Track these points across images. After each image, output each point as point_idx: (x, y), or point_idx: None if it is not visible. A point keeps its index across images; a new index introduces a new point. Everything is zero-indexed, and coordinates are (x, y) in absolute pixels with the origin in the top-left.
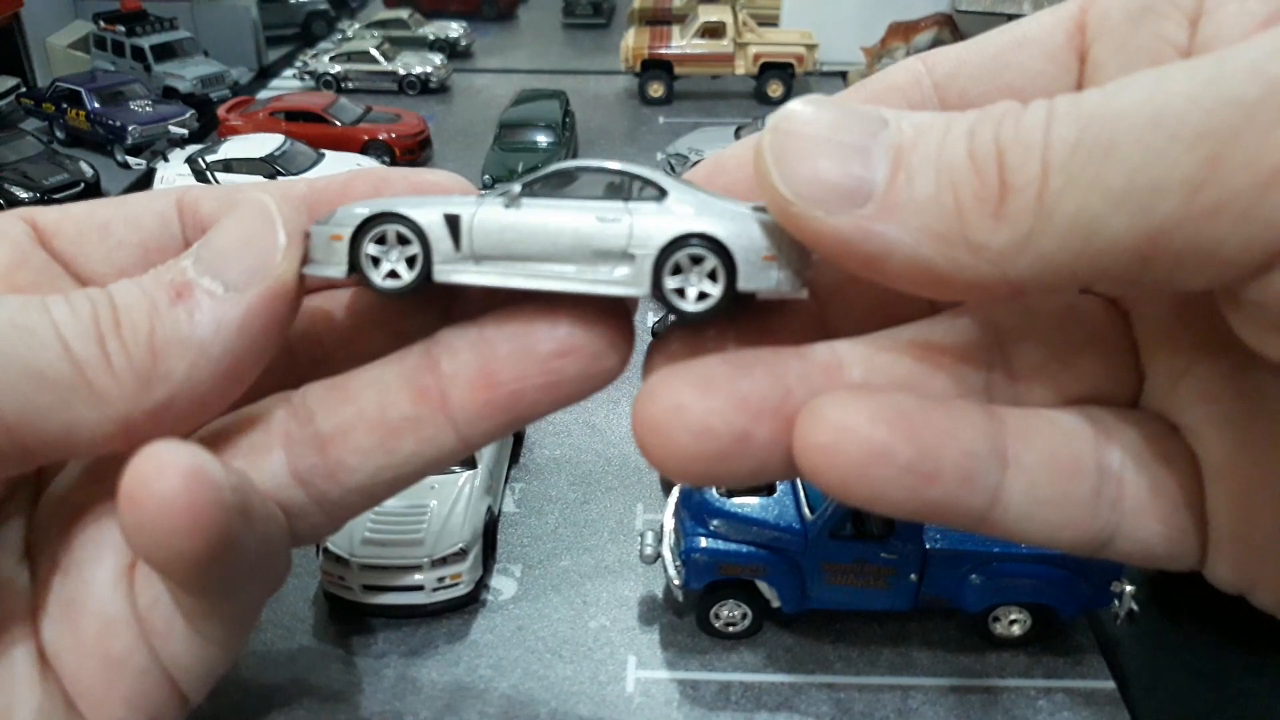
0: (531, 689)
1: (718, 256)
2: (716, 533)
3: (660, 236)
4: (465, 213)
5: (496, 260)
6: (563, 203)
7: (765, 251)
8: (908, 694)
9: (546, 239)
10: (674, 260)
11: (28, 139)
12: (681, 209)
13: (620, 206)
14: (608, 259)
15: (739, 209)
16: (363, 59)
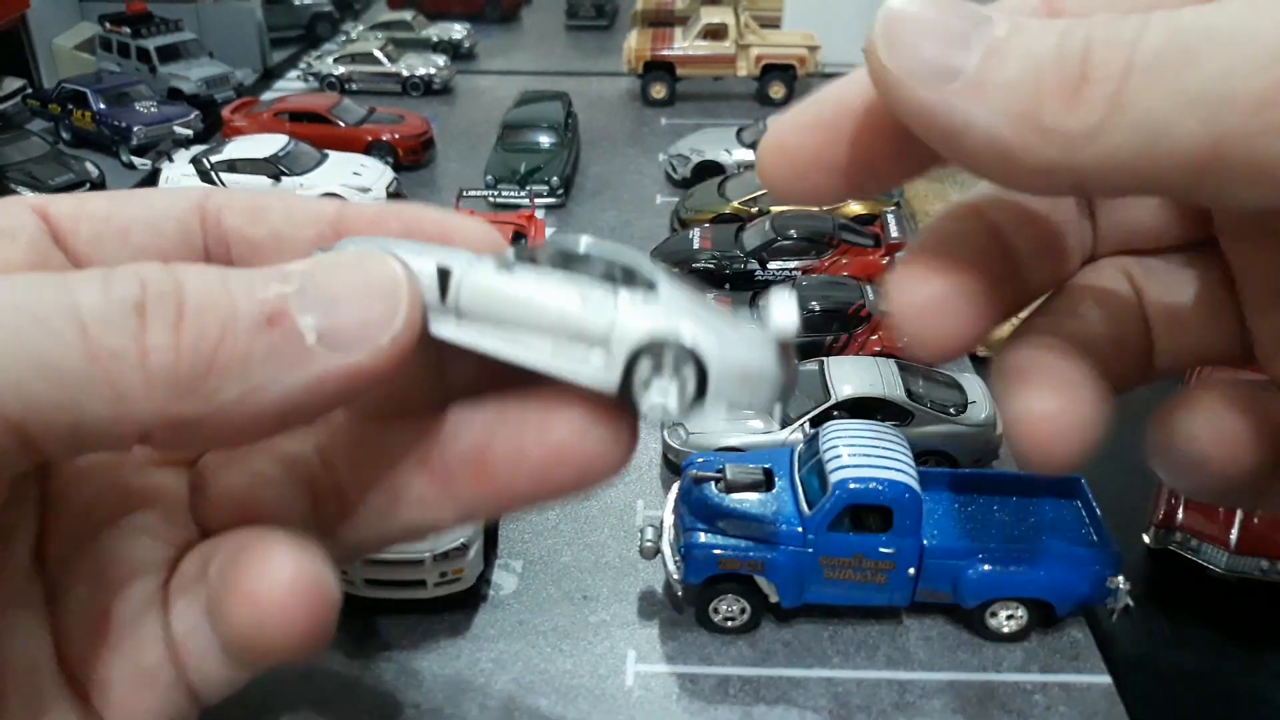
0: (532, 682)
1: (693, 368)
2: (716, 528)
3: (637, 332)
4: (457, 268)
5: (478, 321)
6: (554, 276)
7: (743, 370)
8: (905, 688)
9: (530, 310)
10: (647, 360)
11: (34, 139)
12: (669, 310)
13: (609, 293)
14: (584, 343)
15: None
16: (366, 60)
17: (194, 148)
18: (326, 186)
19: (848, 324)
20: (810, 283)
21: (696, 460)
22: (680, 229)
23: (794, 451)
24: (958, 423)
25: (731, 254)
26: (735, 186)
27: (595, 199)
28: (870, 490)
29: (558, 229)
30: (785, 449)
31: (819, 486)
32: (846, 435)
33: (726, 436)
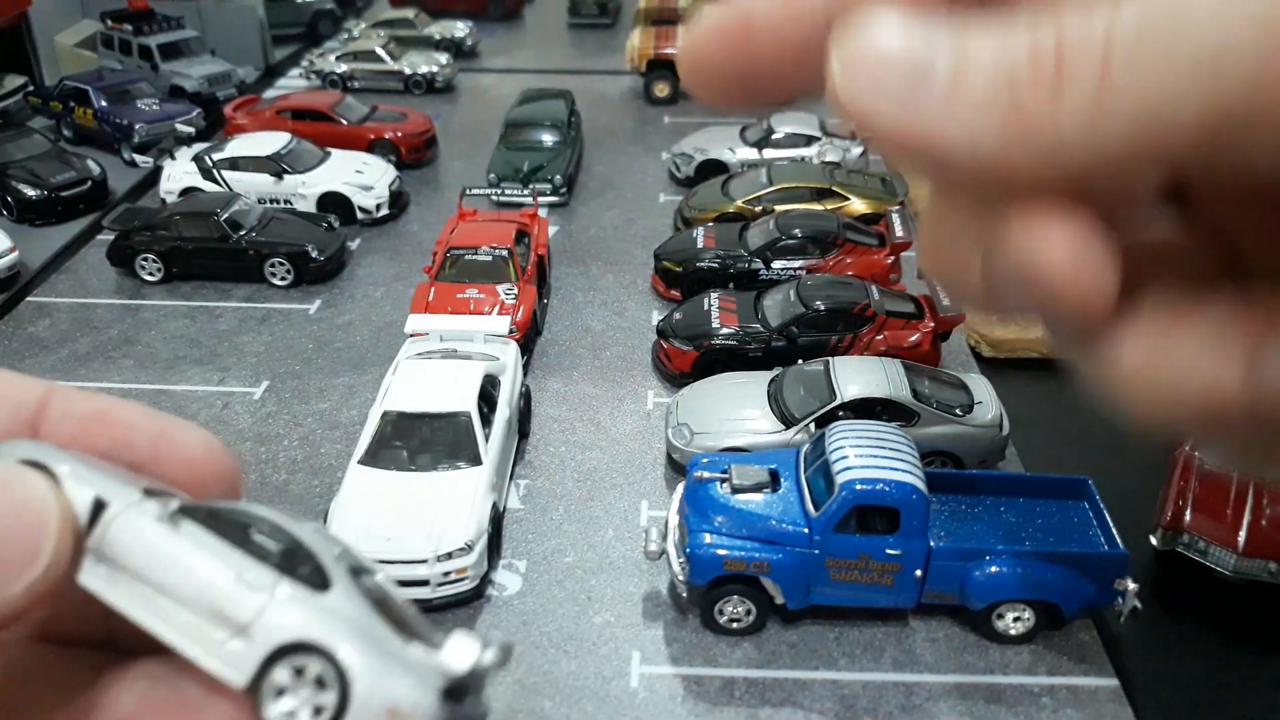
0: (536, 684)
1: (336, 689)
2: (721, 529)
3: (282, 631)
4: (116, 505)
5: (123, 572)
6: (216, 543)
7: (393, 705)
8: (911, 690)
9: (175, 572)
10: (287, 665)
11: (35, 137)
12: (333, 613)
13: (269, 578)
14: (226, 626)
15: (404, 651)
16: (369, 58)
17: (196, 145)
18: (329, 184)
19: (853, 324)
20: (815, 282)
21: (702, 461)
22: (684, 227)
23: (800, 452)
24: (964, 423)
25: (735, 253)
26: (739, 185)
27: (598, 197)
28: (877, 491)
29: (560, 227)
30: (791, 450)
31: (825, 487)
32: (853, 436)
33: (732, 437)
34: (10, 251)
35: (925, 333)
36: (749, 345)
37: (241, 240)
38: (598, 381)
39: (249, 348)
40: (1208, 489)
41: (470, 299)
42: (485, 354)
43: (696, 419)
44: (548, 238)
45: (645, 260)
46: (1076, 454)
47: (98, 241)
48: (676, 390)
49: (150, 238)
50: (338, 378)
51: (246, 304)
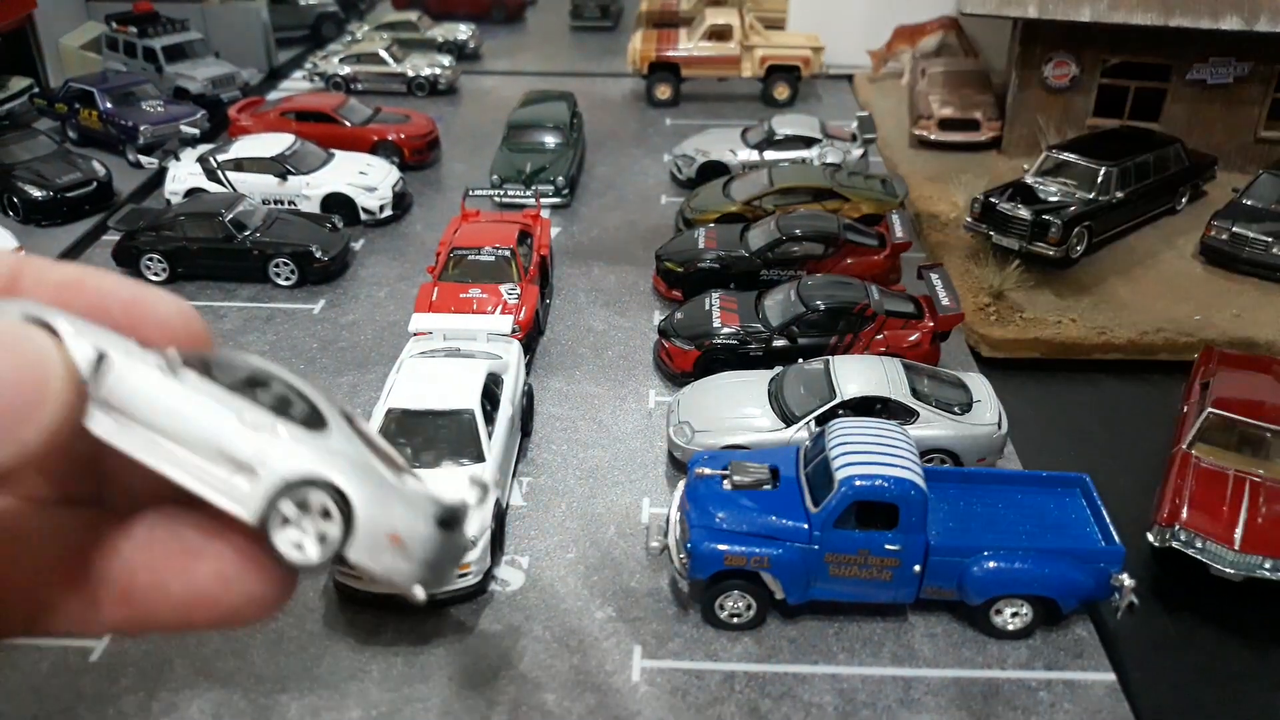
0: (539, 678)
1: (339, 514)
2: (722, 525)
3: (288, 468)
4: (116, 357)
5: (130, 421)
6: (218, 391)
7: (393, 532)
8: (910, 684)
9: (184, 421)
10: (293, 498)
11: (41, 138)
12: (331, 450)
13: (271, 419)
14: (231, 465)
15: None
16: (372, 60)
17: (200, 147)
18: (333, 185)
19: (853, 324)
20: (815, 282)
21: (703, 458)
22: (685, 228)
23: (800, 449)
24: (963, 422)
25: (736, 253)
26: (740, 187)
27: (600, 199)
28: (876, 488)
29: (563, 228)
30: (791, 447)
31: (825, 484)
32: (852, 433)
33: (732, 435)
34: (17, 252)
35: (925, 332)
36: (750, 345)
37: (246, 241)
38: (600, 380)
39: (254, 347)
40: (1205, 486)
41: (473, 299)
42: (488, 353)
43: (697, 417)
44: (550, 238)
45: (647, 261)
46: (1074, 452)
47: (103, 242)
48: (678, 389)
49: (155, 238)
50: (342, 377)
51: (251, 304)
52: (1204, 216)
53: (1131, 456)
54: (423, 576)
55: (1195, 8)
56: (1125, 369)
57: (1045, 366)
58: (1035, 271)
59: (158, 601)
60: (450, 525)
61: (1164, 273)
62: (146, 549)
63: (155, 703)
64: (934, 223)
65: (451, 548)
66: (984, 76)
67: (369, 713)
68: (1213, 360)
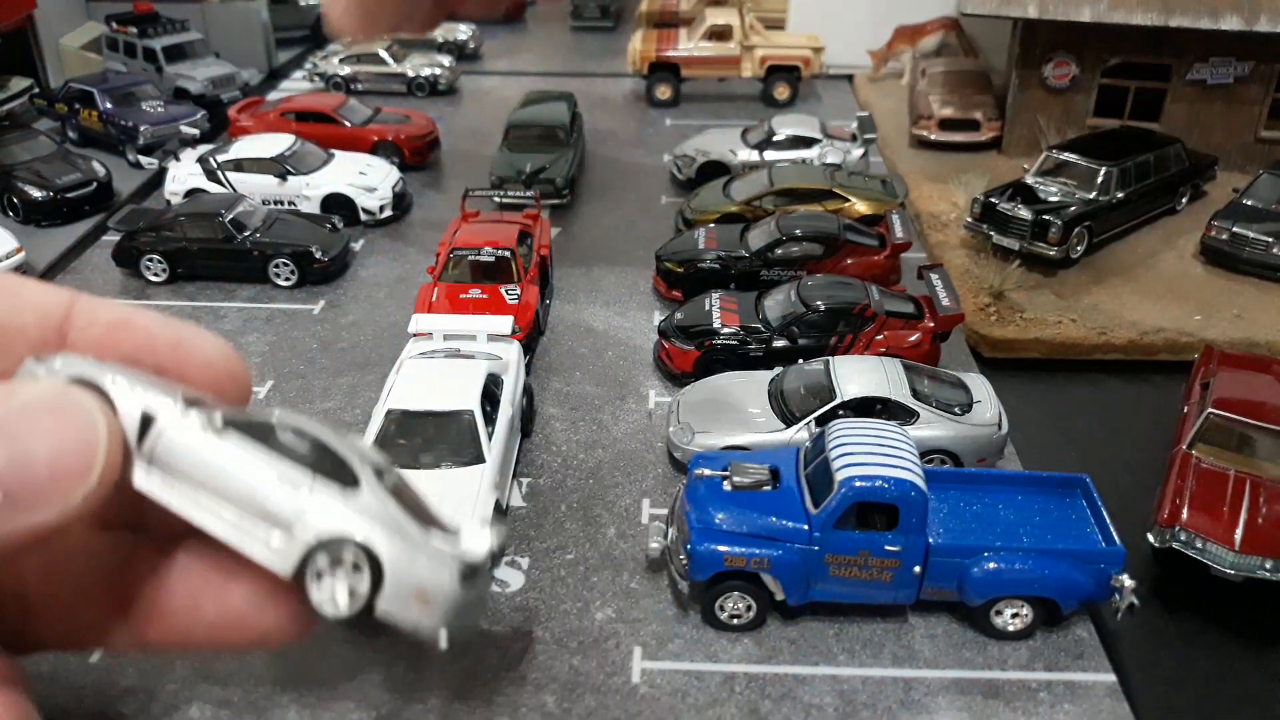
0: (538, 679)
1: (369, 575)
2: (721, 526)
3: (322, 526)
4: (162, 418)
5: (172, 477)
6: (257, 449)
7: (419, 587)
8: (910, 685)
9: (224, 478)
10: (325, 554)
11: (41, 139)
12: (361, 511)
13: (306, 478)
14: (269, 522)
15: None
16: (372, 61)
17: (201, 146)
18: (332, 186)
19: (853, 324)
20: (815, 282)
21: (702, 459)
22: (685, 229)
23: (800, 450)
24: (963, 422)
25: (736, 253)
26: (740, 187)
27: (600, 199)
28: (876, 488)
29: (562, 228)
30: (791, 448)
31: (825, 485)
32: (852, 434)
33: (732, 435)
34: (16, 252)
35: (925, 333)
36: (750, 345)
37: (246, 241)
38: (599, 381)
39: (253, 348)
40: (1205, 487)
41: (473, 299)
42: (488, 353)
43: (698, 418)
44: (550, 239)
45: (647, 261)
46: (1075, 453)
47: (103, 242)
48: (678, 389)
49: (155, 238)
50: (342, 377)
51: (251, 304)
52: (1204, 216)
53: (1132, 457)
54: (449, 625)
55: (1195, 8)
56: (1125, 369)
57: (1045, 366)
58: (1035, 271)
59: (192, 622)
60: (473, 578)
61: (1164, 273)
62: (185, 573)
63: (155, 704)
64: (934, 223)
65: (475, 597)
66: (984, 76)
67: (369, 714)
68: (1213, 360)
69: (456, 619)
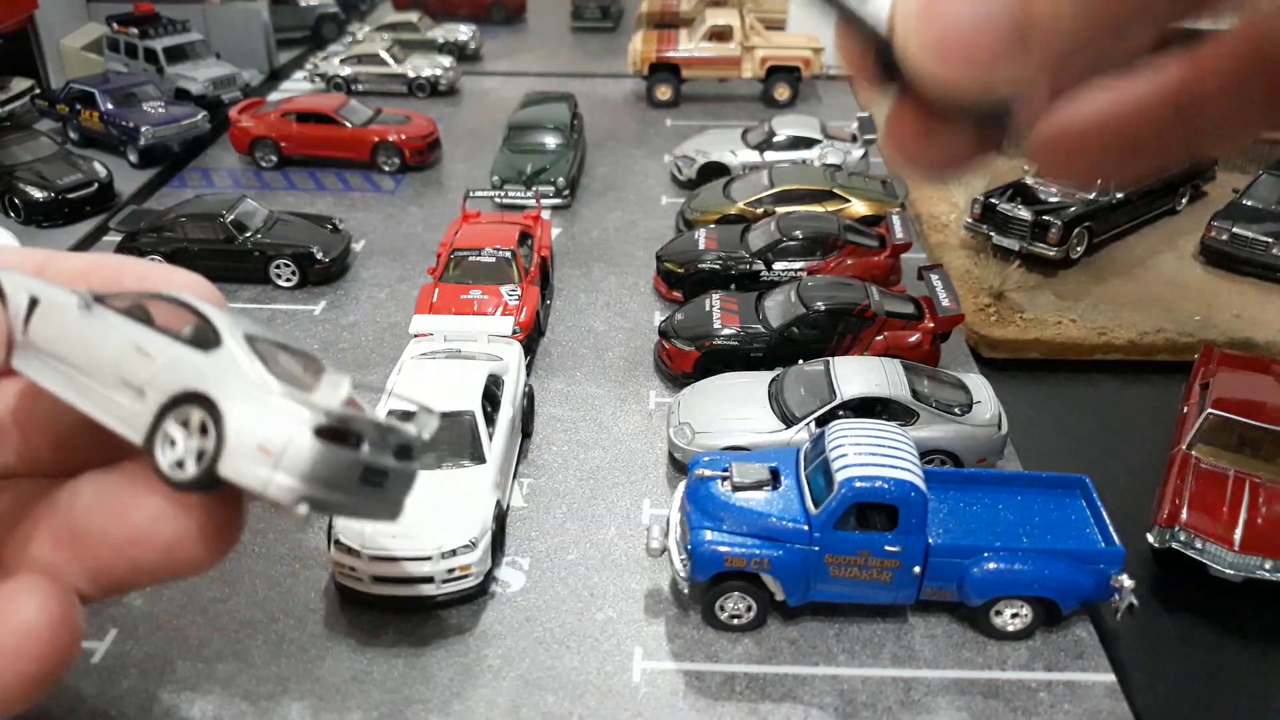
0: (539, 679)
1: (214, 429)
2: (722, 526)
3: (169, 388)
4: (45, 299)
5: (49, 357)
6: (123, 323)
7: (265, 445)
8: (910, 685)
9: (91, 352)
10: (175, 416)
11: (42, 139)
12: (217, 366)
13: (164, 344)
14: (129, 391)
15: (284, 396)
16: (372, 61)
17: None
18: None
19: (853, 324)
20: (816, 283)
21: (703, 459)
22: (685, 229)
23: (800, 451)
24: (963, 422)
25: (737, 254)
26: (740, 188)
27: (601, 200)
28: (876, 489)
29: (563, 229)
30: (791, 448)
31: (825, 485)
32: (852, 434)
33: (733, 436)
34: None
35: (925, 333)
36: (750, 345)
37: (247, 242)
38: (600, 381)
39: None
40: (1204, 487)
41: (474, 300)
42: (489, 354)
43: (698, 418)
44: (550, 239)
45: (647, 262)
46: (1074, 453)
47: (104, 243)
48: (678, 390)
49: (157, 239)
50: None
51: (252, 305)
52: (1204, 217)
53: (1131, 457)
54: (310, 494)
55: None
56: (1125, 370)
57: (1045, 367)
58: (1035, 272)
59: (105, 546)
60: (343, 440)
61: (1164, 273)
62: (87, 505)
63: (156, 705)
64: (934, 223)
65: (350, 463)
66: None
67: (370, 714)
68: (1212, 361)
69: (324, 486)
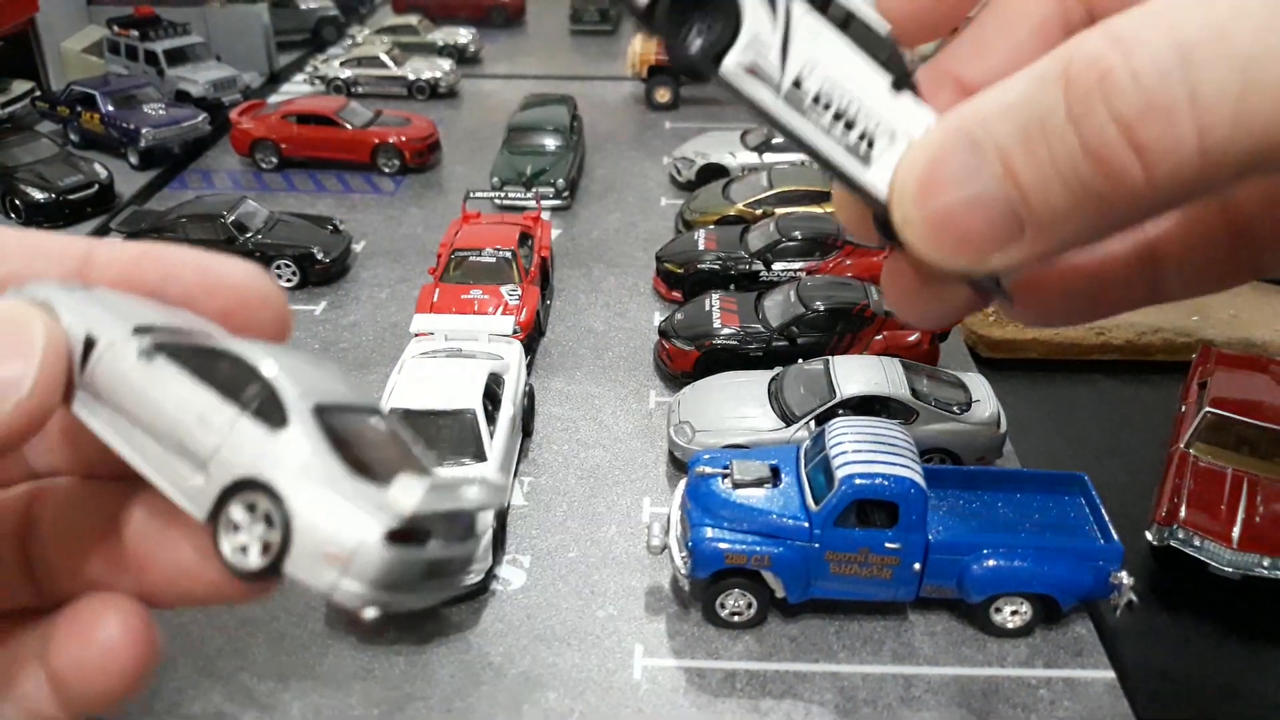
0: (540, 676)
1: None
2: (722, 524)
3: (234, 470)
4: (104, 341)
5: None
6: (184, 380)
7: (334, 550)
8: (911, 682)
9: (150, 410)
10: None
11: (43, 141)
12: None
13: (231, 415)
14: (189, 461)
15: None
16: (372, 64)
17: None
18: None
19: (852, 324)
20: (815, 283)
21: (703, 457)
22: (685, 230)
23: (800, 448)
24: (962, 421)
25: (736, 255)
26: (740, 189)
27: (600, 201)
28: (876, 486)
29: (563, 230)
30: (791, 446)
31: (825, 482)
32: (852, 432)
33: (733, 435)
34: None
35: (924, 333)
36: (750, 345)
37: (248, 243)
38: (600, 381)
39: None
40: (1203, 484)
41: (474, 300)
42: (489, 353)
43: (698, 417)
44: (550, 240)
45: (647, 262)
46: (1073, 451)
47: None
48: (678, 389)
49: (157, 240)
50: None
51: None
52: None
53: (1130, 456)
54: (377, 599)
55: None
56: (1123, 369)
57: (1044, 367)
58: None
59: (152, 571)
60: (414, 539)
61: None
62: (141, 523)
63: (158, 702)
64: None
65: (418, 564)
66: None
67: (371, 711)
68: (1210, 360)
69: (391, 590)
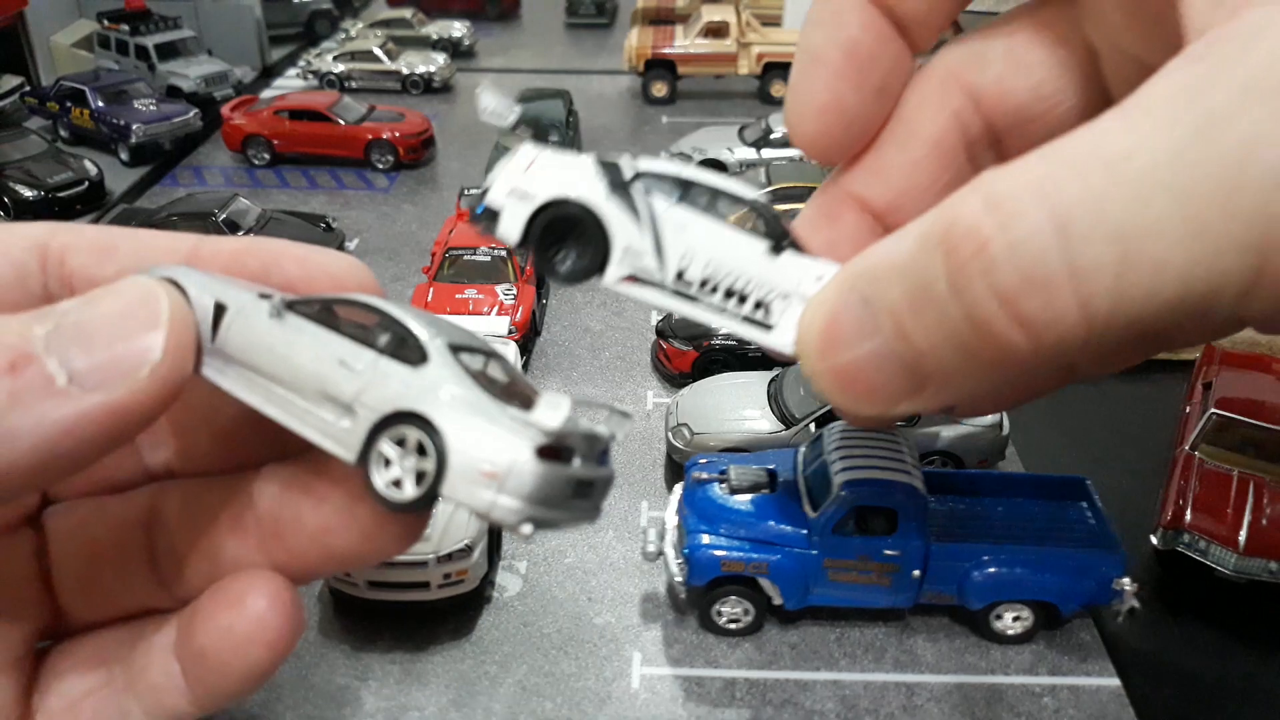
0: (537, 684)
1: (434, 450)
2: (719, 530)
3: (382, 407)
4: (234, 306)
5: (242, 367)
6: (319, 332)
7: (489, 467)
8: (913, 690)
9: (288, 364)
10: (390, 436)
11: (32, 138)
12: (429, 383)
13: (370, 357)
14: (333, 406)
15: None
16: (366, 58)
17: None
18: None
19: None
20: None
21: (700, 462)
22: None
23: (798, 453)
24: (963, 424)
25: None
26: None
27: None
28: (875, 492)
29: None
30: (789, 450)
31: (823, 488)
32: (851, 437)
33: (731, 436)
34: None
35: None
36: (748, 345)
37: None
38: (597, 381)
39: None
40: (1208, 488)
41: (469, 299)
42: None
43: (696, 419)
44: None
45: None
46: (1076, 454)
47: None
48: (676, 390)
49: None
50: None
51: None
52: None
53: (1133, 458)
54: (533, 514)
55: None
56: (1126, 370)
57: None
58: None
59: (297, 534)
60: (560, 457)
61: None
62: (289, 482)
63: None
64: None
65: (567, 480)
66: None
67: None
68: (1215, 360)
69: (545, 504)
